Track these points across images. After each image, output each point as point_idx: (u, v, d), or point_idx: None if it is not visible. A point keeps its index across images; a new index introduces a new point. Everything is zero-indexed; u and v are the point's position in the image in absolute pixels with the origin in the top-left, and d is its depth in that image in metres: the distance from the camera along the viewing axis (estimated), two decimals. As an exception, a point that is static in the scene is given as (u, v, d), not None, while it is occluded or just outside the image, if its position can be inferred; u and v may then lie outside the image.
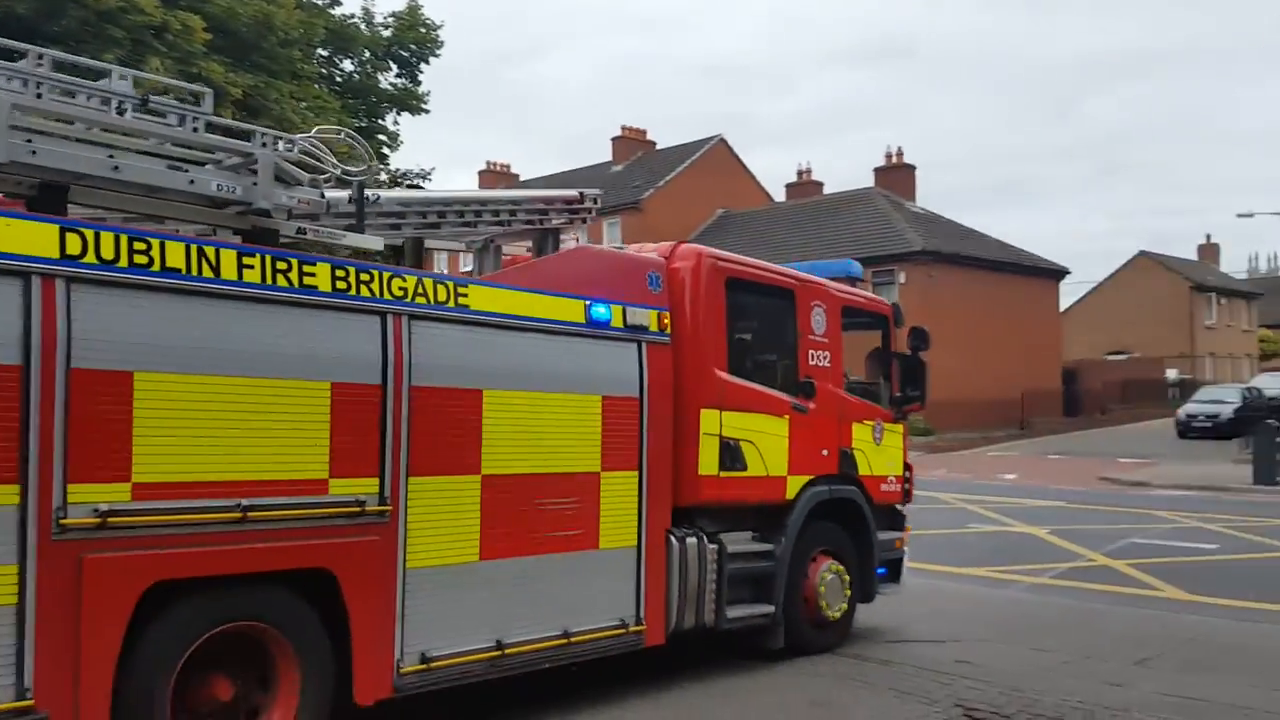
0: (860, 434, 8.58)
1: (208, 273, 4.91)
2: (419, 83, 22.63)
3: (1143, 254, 65.43)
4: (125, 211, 5.43)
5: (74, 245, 4.52)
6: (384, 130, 21.72)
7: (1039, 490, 20.84)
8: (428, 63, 22.45)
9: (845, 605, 8.24)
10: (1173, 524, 16.16)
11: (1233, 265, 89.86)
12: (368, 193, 6.18)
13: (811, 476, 8.08)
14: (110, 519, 4.53)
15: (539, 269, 6.85)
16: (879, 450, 8.80)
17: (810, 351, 8.18)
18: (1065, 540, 14.40)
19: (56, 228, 4.52)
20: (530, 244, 7.61)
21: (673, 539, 6.99)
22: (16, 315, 4.30)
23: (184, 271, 4.83)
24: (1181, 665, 8.01)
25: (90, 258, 4.56)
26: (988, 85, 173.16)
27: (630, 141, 50.66)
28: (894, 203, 40.87)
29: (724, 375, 7.44)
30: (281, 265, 5.20)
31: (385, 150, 21.42)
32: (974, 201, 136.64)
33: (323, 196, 5.95)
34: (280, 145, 5.64)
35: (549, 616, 6.20)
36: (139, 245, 4.72)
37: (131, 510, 4.61)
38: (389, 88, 22.38)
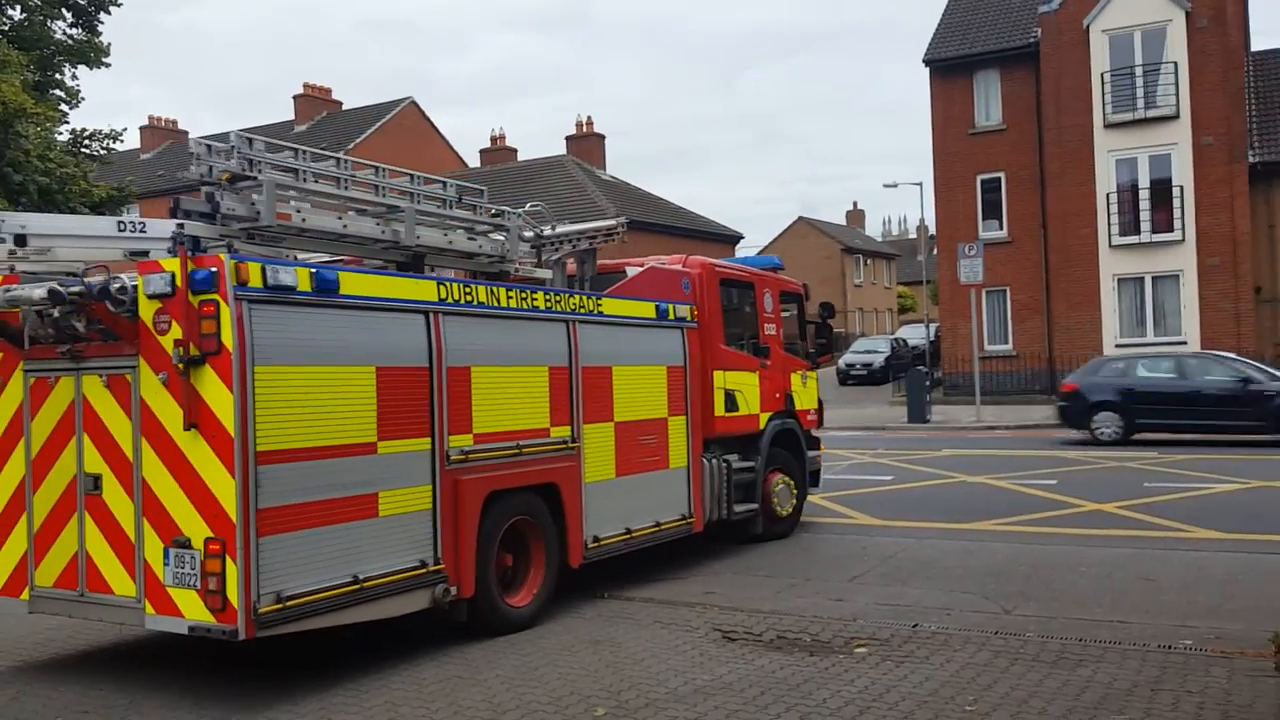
0: (795, 381, 11.73)
1: (494, 303, 7.71)
2: (98, 34, 20.63)
3: (801, 219, 71.58)
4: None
5: (443, 292, 7.24)
6: (61, 85, 19.64)
7: (735, 438, 22.67)
8: (108, 12, 20.43)
9: (793, 504, 11.45)
10: (851, 460, 18.30)
11: (874, 229, 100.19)
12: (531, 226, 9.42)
13: (772, 413, 11.18)
14: (470, 457, 7.35)
15: (635, 282, 9.69)
16: (804, 391, 11.96)
17: (765, 324, 11.28)
18: (769, 481, 15.96)
19: (434, 282, 7.31)
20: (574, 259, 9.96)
21: (705, 460, 10.04)
22: (423, 337, 7.01)
23: (487, 303, 7.61)
24: (885, 579, 9.39)
25: (449, 299, 7.27)
26: (656, 56, 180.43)
27: (314, 100, 48.58)
28: (586, 171, 42.18)
29: (724, 346, 10.49)
30: (524, 295, 8.02)
31: (65, 108, 19.40)
32: (647, 168, 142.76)
33: (531, 248, 9.35)
34: (513, 220, 8.86)
35: (648, 512, 9.25)
36: (466, 289, 7.47)
37: (475, 450, 7.43)
38: (65, 39, 20.22)
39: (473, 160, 49.49)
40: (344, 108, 49.13)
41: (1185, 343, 27.69)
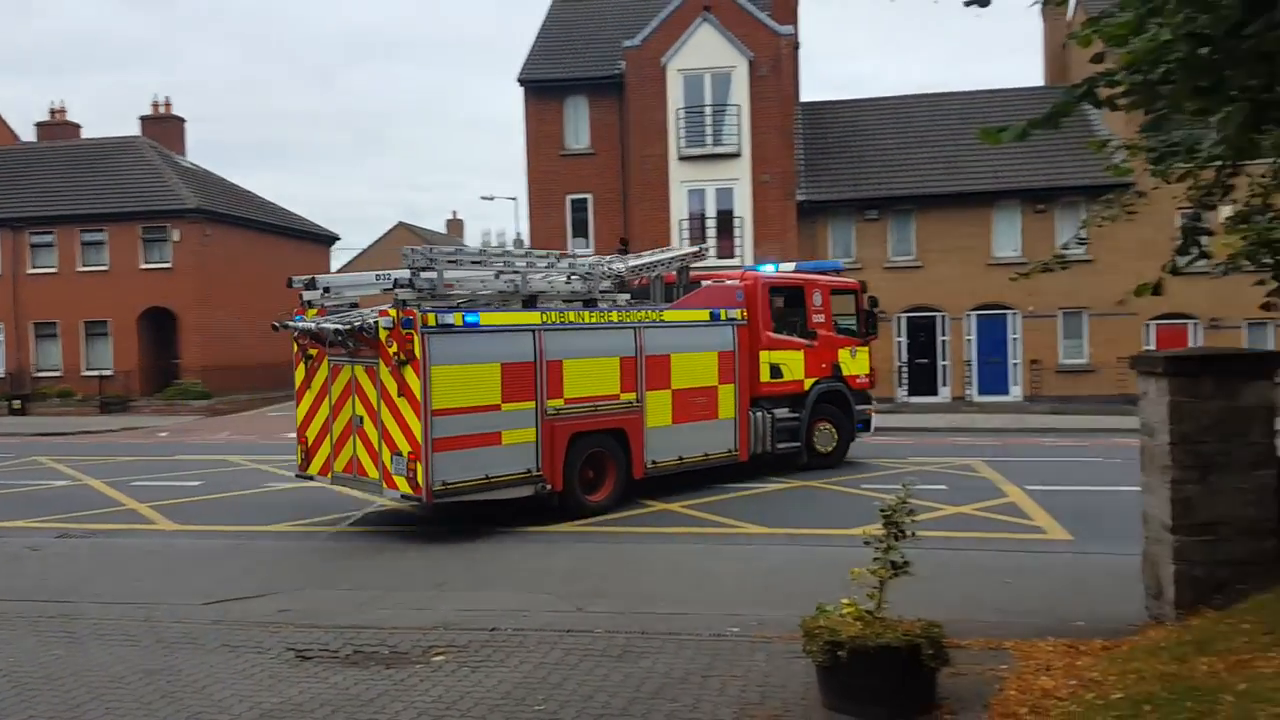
0: (843, 354, 16.35)
1: (580, 321, 12.72)
2: None
3: (402, 225, 70.79)
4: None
5: (543, 318, 12.30)
6: None
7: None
8: None
9: (834, 445, 16.21)
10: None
11: (473, 239, 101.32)
12: (607, 266, 13.98)
13: (817, 378, 15.88)
14: (560, 411, 12.33)
15: (695, 296, 14.62)
16: (854, 361, 16.56)
17: (813, 315, 15.95)
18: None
19: (538, 313, 12.36)
20: (675, 273, 15.18)
21: (751, 413, 14.88)
22: (530, 345, 12.05)
23: (574, 322, 12.65)
24: (470, 584, 9.53)
25: (548, 321, 12.30)
26: (252, 43, 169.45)
27: None
28: (164, 155, 38.76)
29: (771, 334, 15.23)
30: (602, 314, 13.07)
31: None
32: (239, 159, 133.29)
33: (613, 283, 13.81)
34: (597, 268, 13.61)
35: (699, 448, 14.14)
36: (560, 315, 12.56)
37: (564, 408, 12.36)
38: None
39: (27, 134, 43.70)
40: None
41: (744, 358, 30.67)
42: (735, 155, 31.55)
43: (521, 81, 33.43)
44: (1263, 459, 6.81)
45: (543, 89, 33.36)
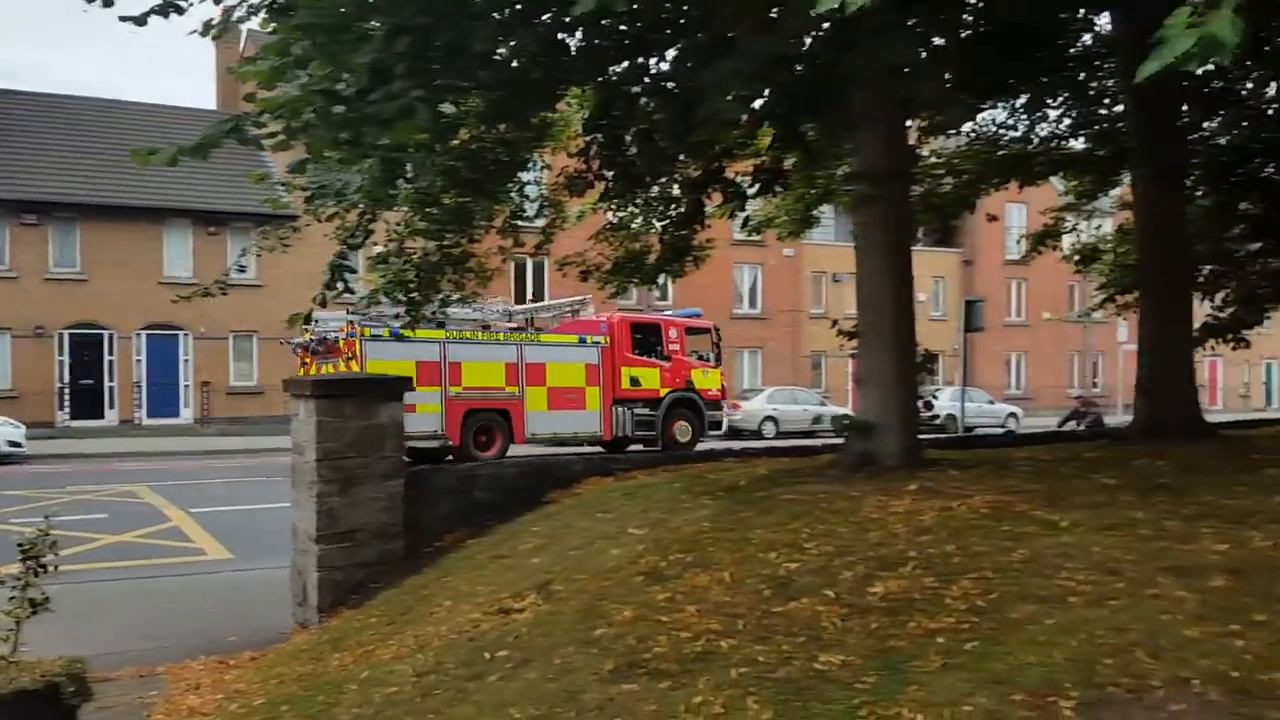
0: (695, 373, 20.51)
1: (474, 338, 17.85)
2: None
3: None
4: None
5: (447, 334, 16.92)
6: None
7: None
8: None
9: (689, 438, 19.87)
10: None
11: None
12: (505, 309, 19.79)
13: (672, 389, 20.12)
14: (460, 395, 17.16)
15: (568, 326, 19.93)
16: (705, 378, 20.72)
17: (669, 344, 20.46)
18: None
19: (444, 330, 16.95)
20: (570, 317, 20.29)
21: (614, 409, 19.31)
22: (438, 351, 16.98)
23: (469, 339, 17.76)
24: None
25: (450, 337, 17.18)
26: None
27: None
28: None
29: (629, 355, 19.78)
30: (493, 335, 18.24)
31: None
32: None
33: (501, 316, 19.43)
34: (493, 309, 18.90)
35: (571, 428, 18.68)
36: (460, 332, 17.44)
37: (461, 393, 17.17)
38: None
39: None
40: None
41: None
42: None
43: None
44: (394, 470, 7.80)
45: None
